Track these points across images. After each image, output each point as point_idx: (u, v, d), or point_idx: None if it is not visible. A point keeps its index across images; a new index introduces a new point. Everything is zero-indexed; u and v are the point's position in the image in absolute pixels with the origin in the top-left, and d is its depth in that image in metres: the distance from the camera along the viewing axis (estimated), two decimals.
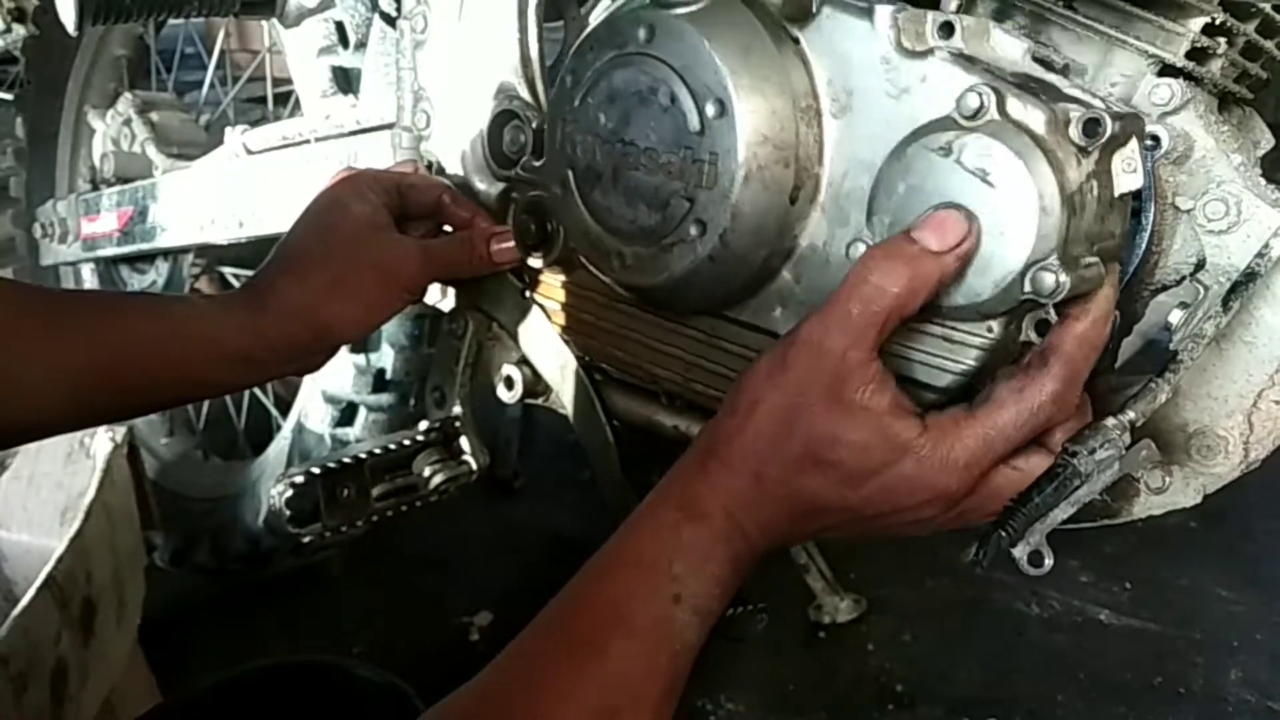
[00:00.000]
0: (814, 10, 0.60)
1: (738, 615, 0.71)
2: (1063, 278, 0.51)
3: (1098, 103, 0.53)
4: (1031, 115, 0.52)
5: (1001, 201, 0.52)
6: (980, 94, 0.52)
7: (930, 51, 0.56)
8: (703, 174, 0.62)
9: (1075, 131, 0.52)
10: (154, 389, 0.72)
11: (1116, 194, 0.54)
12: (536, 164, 0.78)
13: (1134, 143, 0.53)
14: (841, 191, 0.61)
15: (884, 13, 0.57)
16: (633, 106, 0.66)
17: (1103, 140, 0.51)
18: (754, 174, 0.61)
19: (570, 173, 0.71)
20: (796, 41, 0.62)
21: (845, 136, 0.61)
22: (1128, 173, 0.54)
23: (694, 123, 0.62)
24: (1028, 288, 0.52)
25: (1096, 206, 0.53)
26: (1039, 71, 0.57)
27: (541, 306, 0.82)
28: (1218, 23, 0.59)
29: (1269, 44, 0.62)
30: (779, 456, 0.55)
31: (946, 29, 0.56)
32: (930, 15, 0.57)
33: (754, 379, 0.56)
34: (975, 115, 0.53)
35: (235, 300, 0.75)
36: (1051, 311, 0.55)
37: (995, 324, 0.55)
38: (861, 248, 0.58)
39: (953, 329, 0.57)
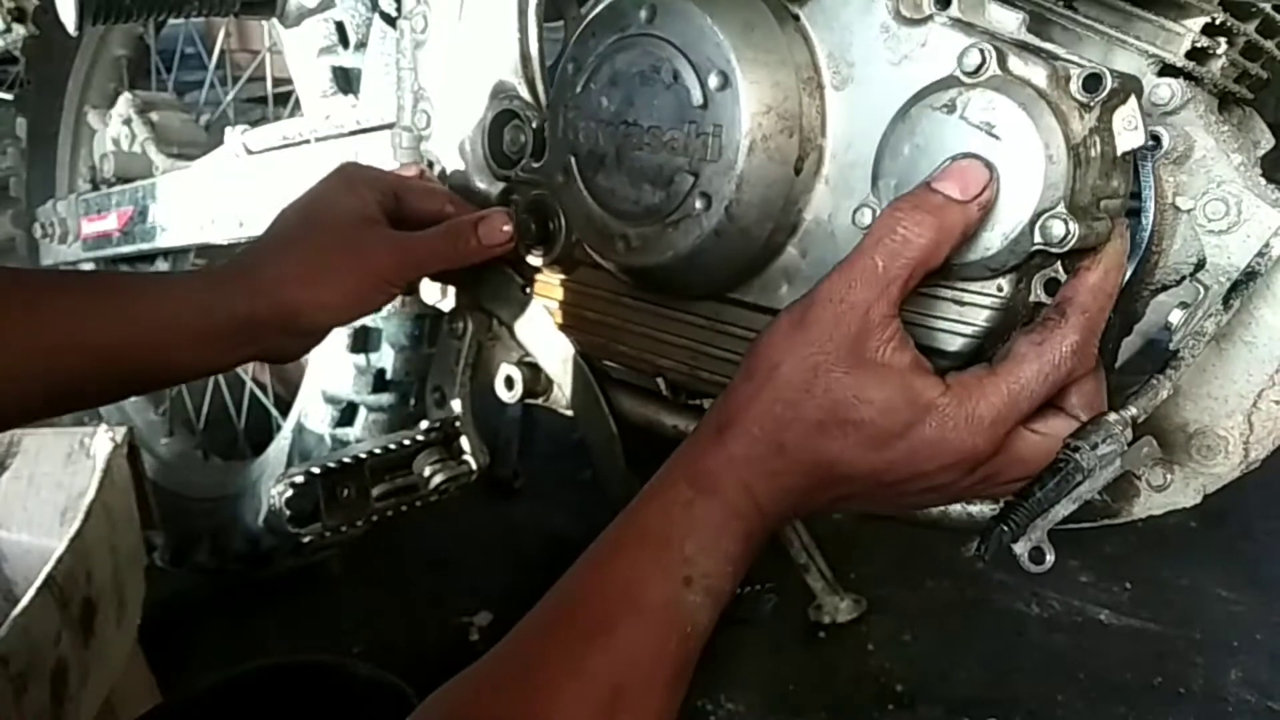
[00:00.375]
0: None
1: (745, 596, 0.71)
2: (1072, 226, 0.51)
3: (1093, 62, 0.54)
4: (1033, 71, 0.53)
5: (1008, 153, 0.52)
6: (981, 50, 0.53)
7: (929, 18, 0.57)
8: (707, 147, 0.63)
9: (1076, 87, 0.52)
10: (109, 372, 0.70)
11: (1119, 151, 0.54)
12: (536, 164, 0.78)
13: (1133, 101, 0.54)
14: (845, 162, 0.62)
15: None
16: (635, 87, 0.66)
17: (1103, 96, 0.52)
18: (758, 144, 0.61)
19: (573, 160, 0.71)
20: (796, 17, 0.62)
21: (848, 107, 0.61)
22: (1129, 130, 0.54)
23: (697, 97, 0.63)
24: (1037, 238, 0.52)
25: (1100, 162, 0.53)
26: (1034, 40, 0.57)
27: (544, 306, 0.82)
28: (1218, 23, 0.59)
29: (1269, 44, 0.62)
30: (799, 419, 0.53)
31: None
32: None
33: (771, 341, 0.55)
34: (977, 71, 0.54)
35: (203, 277, 0.73)
36: (1060, 269, 0.55)
37: (1005, 282, 0.56)
38: (868, 214, 0.58)
39: (963, 290, 0.57)
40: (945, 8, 0.57)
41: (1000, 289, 0.56)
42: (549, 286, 0.82)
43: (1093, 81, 0.52)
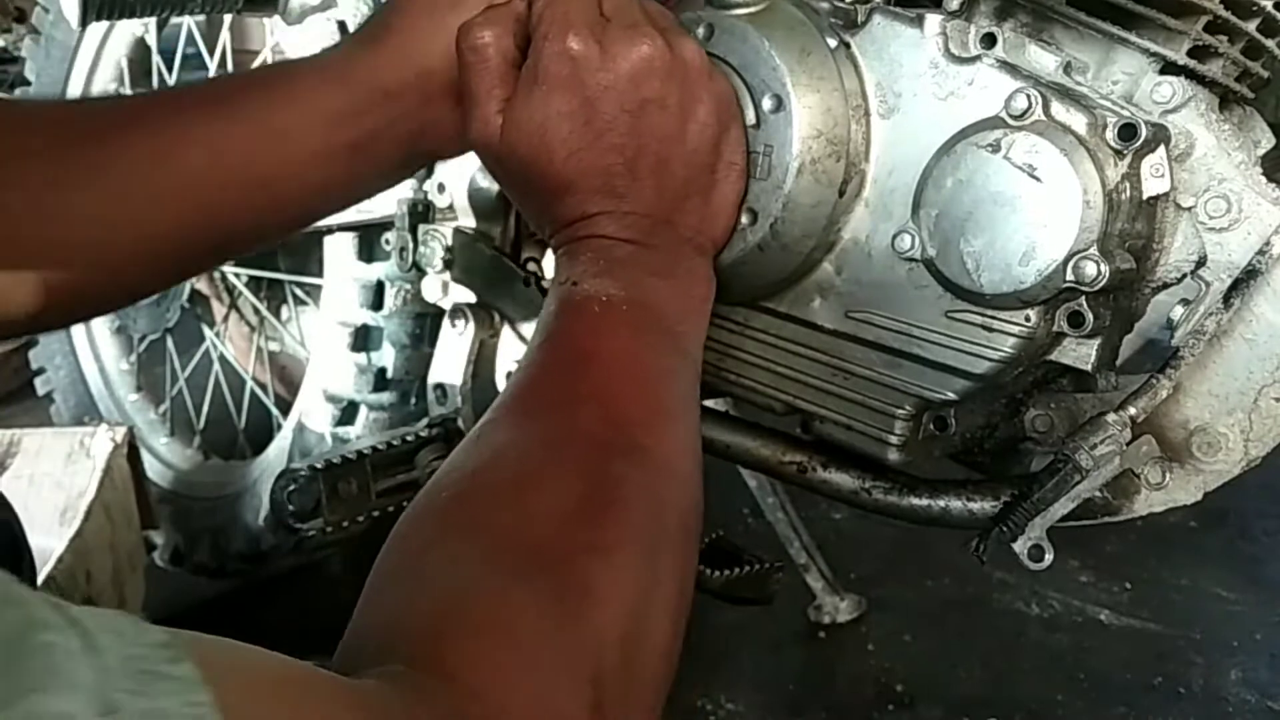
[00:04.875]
0: (863, 19, 0.64)
1: (753, 574, 0.71)
2: (1103, 267, 0.54)
3: (1127, 112, 0.57)
4: (1074, 118, 0.56)
5: (1048, 195, 0.55)
6: (1028, 95, 0.56)
7: (977, 58, 0.60)
8: (756, 165, 0.65)
9: (1111, 135, 0.55)
10: (253, 202, 0.62)
11: (1145, 196, 0.57)
12: None
13: (1162, 149, 0.57)
14: (886, 187, 0.64)
15: (933, 22, 0.61)
16: None
17: (1137, 144, 0.55)
18: (807, 166, 0.63)
19: None
20: (847, 46, 0.64)
21: (892, 135, 0.64)
22: (1156, 177, 0.57)
23: (750, 117, 0.64)
24: (1070, 276, 0.55)
25: (1129, 206, 0.57)
26: (1070, 83, 0.60)
27: None
28: (1219, 21, 0.59)
29: (1270, 43, 0.63)
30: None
31: (989, 39, 0.60)
32: (973, 27, 0.60)
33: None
34: (1023, 115, 0.56)
35: (337, 57, 0.65)
36: (1084, 304, 0.57)
37: (1033, 313, 0.59)
38: (907, 239, 0.61)
39: (992, 318, 0.60)
40: (991, 48, 0.60)
41: (1028, 319, 0.59)
42: None
43: (1128, 130, 0.55)
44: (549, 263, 0.85)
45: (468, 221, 0.90)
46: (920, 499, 0.68)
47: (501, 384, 0.87)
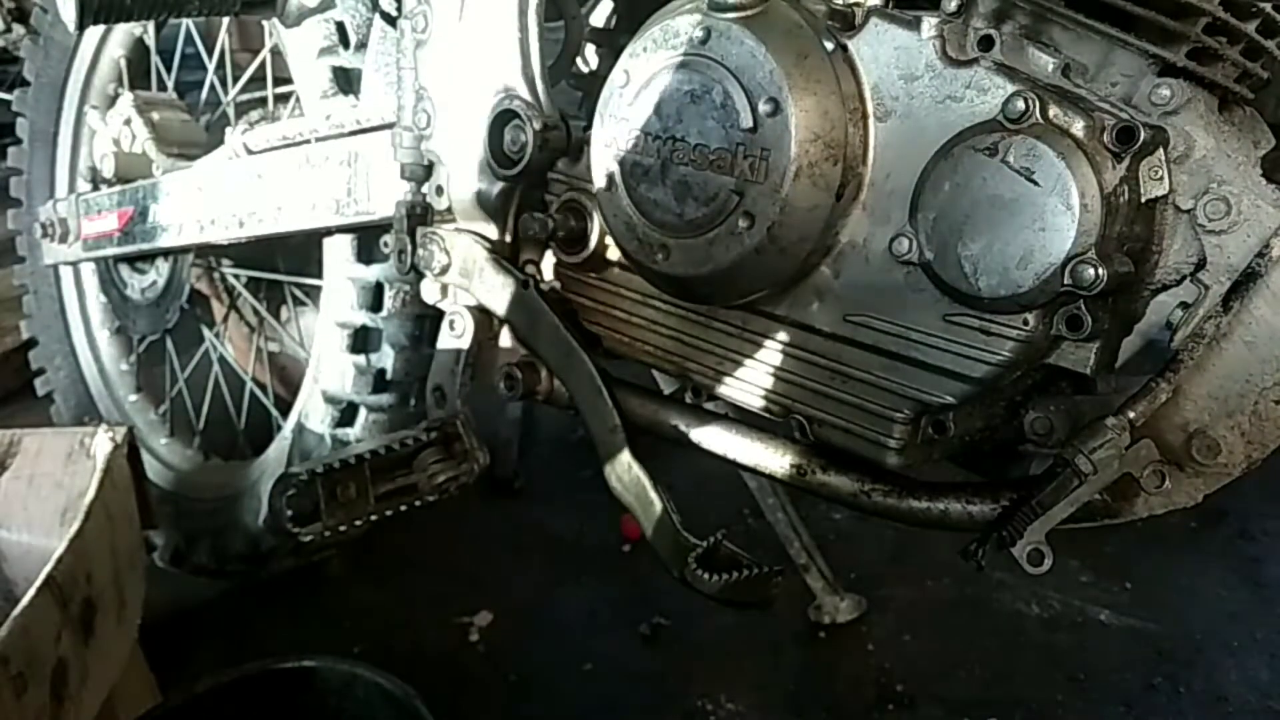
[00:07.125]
0: (860, 21, 0.64)
1: (752, 578, 0.71)
2: (1101, 270, 0.54)
3: (1126, 114, 0.57)
4: (1072, 120, 0.56)
5: (1046, 199, 0.56)
6: (1026, 99, 0.56)
7: (975, 61, 0.60)
8: (754, 169, 0.65)
9: (1109, 138, 0.56)
10: None
11: (1143, 199, 0.57)
12: (574, 166, 0.79)
13: (1160, 152, 0.57)
14: (884, 190, 0.64)
15: (930, 24, 0.61)
16: (684, 105, 0.68)
17: (1135, 147, 0.55)
18: (804, 170, 0.63)
19: (617, 168, 0.72)
20: (844, 49, 0.64)
21: (890, 139, 0.64)
22: (1154, 180, 0.57)
23: (746, 120, 0.65)
24: (1068, 280, 0.55)
25: (1127, 209, 0.57)
26: (1069, 85, 0.60)
27: (570, 303, 0.83)
28: (1219, 23, 0.59)
29: (1270, 44, 0.62)
30: None
31: (986, 42, 0.60)
32: (970, 29, 0.60)
33: None
34: (1020, 119, 0.57)
35: None
36: (1083, 307, 0.57)
37: (1031, 317, 0.59)
38: (905, 242, 0.61)
39: (990, 321, 0.60)
40: (988, 50, 0.60)
41: (1026, 322, 0.59)
42: (578, 284, 0.83)
43: (1126, 133, 0.55)
44: (548, 264, 0.84)
45: (466, 224, 0.89)
46: (920, 502, 0.68)
47: (500, 386, 0.87)
